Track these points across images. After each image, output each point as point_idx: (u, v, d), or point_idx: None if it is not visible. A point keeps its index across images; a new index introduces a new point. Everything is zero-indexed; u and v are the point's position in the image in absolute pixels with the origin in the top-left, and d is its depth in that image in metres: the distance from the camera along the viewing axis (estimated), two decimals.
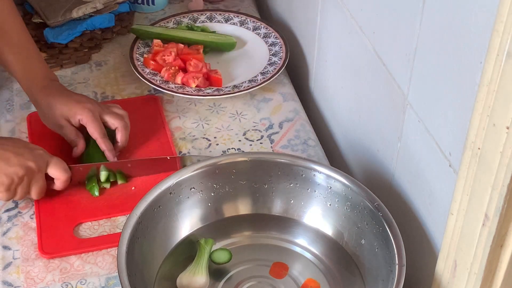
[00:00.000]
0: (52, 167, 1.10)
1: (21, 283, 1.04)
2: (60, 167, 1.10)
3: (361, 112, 1.19)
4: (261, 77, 1.38)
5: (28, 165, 1.05)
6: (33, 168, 1.06)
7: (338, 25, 1.23)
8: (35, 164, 1.06)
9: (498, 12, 0.68)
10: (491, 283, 0.82)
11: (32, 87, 1.21)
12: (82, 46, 1.48)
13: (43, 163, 1.08)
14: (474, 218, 0.80)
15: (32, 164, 1.06)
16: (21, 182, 1.05)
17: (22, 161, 1.05)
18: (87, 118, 1.18)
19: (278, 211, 1.11)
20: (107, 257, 1.07)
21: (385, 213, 0.98)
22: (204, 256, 1.03)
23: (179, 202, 1.07)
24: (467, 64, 0.80)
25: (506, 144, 0.71)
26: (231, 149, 1.26)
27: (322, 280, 1.03)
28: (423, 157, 0.97)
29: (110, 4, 1.53)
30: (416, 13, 0.92)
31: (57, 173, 1.10)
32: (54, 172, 1.10)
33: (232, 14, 1.54)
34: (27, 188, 1.07)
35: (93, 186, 1.15)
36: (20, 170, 1.04)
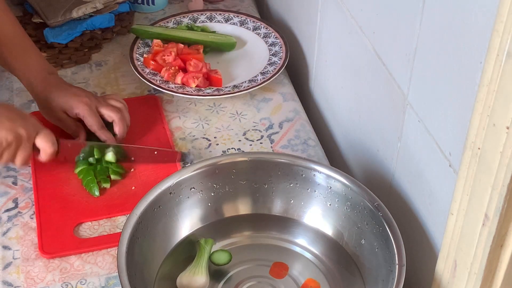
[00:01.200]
0: (41, 138, 1.09)
1: (21, 283, 1.04)
2: (48, 139, 1.10)
3: (361, 112, 1.19)
4: (261, 77, 1.38)
5: (18, 131, 1.05)
6: (23, 135, 1.06)
7: (338, 25, 1.23)
8: (25, 132, 1.06)
9: (498, 12, 0.68)
10: (491, 283, 0.82)
11: (31, 81, 1.21)
12: (82, 46, 1.48)
13: (33, 132, 1.08)
14: (474, 218, 0.80)
15: (23, 131, 1.05)
16: (9, 148, 1.05)
17: (14, 127, 1.04)
18: (84, 111, 1.19)
19: (278, 211, 1.11)
20: (107, 257, 1.07)
21: (385, 213, 0.98)
22: (204, 256, 1.03)
23: (179, 202, 1.07)
24: (467, 64, 0.80)
25: (506, 144, 0.71)
26: (231, 149, 1.26)
27: (322, 280, 1.03)
28: (423, 157, 0.97)
29: (110, 4, 1.53)
30: (416, 13, 0.92)
31: (44, 144, 1.09)
32: (41, 142, 1.09)
33: (232, 14, 1.54)
34: (13, 154, 1.06)
35: (92, 186, 1.15)
36: (10, 135, 1.04)
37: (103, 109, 1.21)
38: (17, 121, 1.06)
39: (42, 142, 1.09)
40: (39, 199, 1.15)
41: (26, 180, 1.19)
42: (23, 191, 1.17)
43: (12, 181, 1.19)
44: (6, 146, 1.04)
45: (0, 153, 1.05)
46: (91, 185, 1.15)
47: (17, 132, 1.05)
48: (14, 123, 1.05)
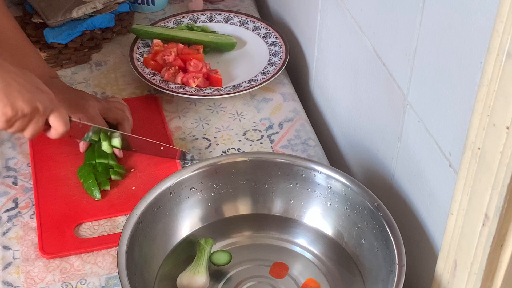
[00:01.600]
0: (55, 116, 1.07)
1: (21, 283, 1.04)
2: (62, 118, 1.08)
3: (361, 112, 1.19)
4: (261, 77, 1.38)
5: (35, 105, 1.03)
6: (39, 109, 1.04)
7: (338, 25, 1.23)
8: (42, 107, 1.04)
9: (498, 12, 0.68)
10: (491, 283, 0.82)
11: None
12: (82, 46, 1.48)
13: (49, 109, 1.06)
14: (474, 218, 0.80)
15: (40, 105, 1.04)
16: (23, 118, 1.04)
17: (32, 99, 1.03)
18: (87, 116, 1.18)
19: (278, 211, 1.11)
20: (107, 257, 1.07)
21: (385, 213, 0.98)
22: (204, 256, 1.03)
23: (179, 202, 1.07)
24: (467, 64, 0.81)
25: (506, 144, 0.71)
26: (231, 149, 1.26)
27: (322, 280, 1.03)
28: (423, 157, 0.97)
29: (110, 4, 1.53)
30: (416, 13, 0.92)
31: (56, 123, 1.08)
32: (54, 121, 1.08)
33: (232, 14, 1.54)
34: (25, 125, 1.05)
35: (94, 189, 1.15)
36: (27, 107, 1.02)
37: (107, 112, 1.22)
38: (36, 94, 1.04)
39: (56, 121, 1.08)
40: (39, 199, 1.15)
41: (26, 180, 1.19)
42: (23, 191, 1.17)
43: (12, 181, 1.19)
44: (21, 116, 1.03)
45: (13, 122, 1.03)
46: (92, 188, 1.15)
47: (34, 105, 1.03)
48: (33, 95, 1.03)
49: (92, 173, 1.17)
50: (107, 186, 1.16)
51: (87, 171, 1.17)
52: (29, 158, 1.23)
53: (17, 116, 1.02)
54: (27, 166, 1.22)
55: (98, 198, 1.15)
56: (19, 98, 1.01)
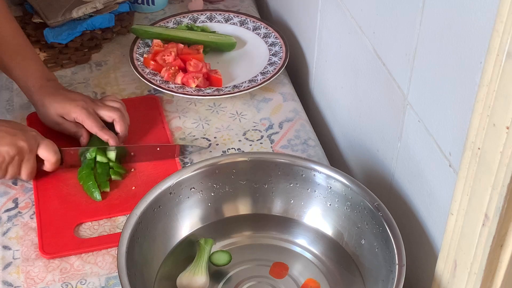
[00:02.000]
0: (42, 148, 1.12)
1: (21, 283, 1.04)
2: (50, 149, 1.12)
3: (361, 112, 1.19)
4: (261, 77, 1.38)
5: (20, 145, 1.07)
6: (25, 148, 1.08)
7: (338, 25, 1.23)
8: (26, 144, 1.08)
9: (498, 12, 0.68)
10: (491, 283, 0.82)
11: (29, 88, 1.23)
12: (82, 46, 1.48)
13: (35, 144, 1.10)
14: (474, 218, 0.80)
15: (24, 144, 1.08)
16: (12, 161, 1.08)
17: (15, 140, 1.07)
18: (82, 115, 1.20)
19: (278, 211, 1.11)
20: (107, 257, 1.07)
21: (385, 213, 0.98)
22: (204, 256, 1.03)
23: (179, 202, 1.07)
24: (467, 64, 0.80)
25: (506, 144, 0.71)
26: (231, 149, 1.26)
27: (322, 280, 1.03)
28: (423, 157, 0.97)
29: (110, 4, 1.53)
30: (416, 13, 0.92)
31: (46, 154, 1.12)
32: (43, 153, 1.12)
33: (232, 14, 1.54)
34: (18, 167, 1.09)
35: (94, 191, 1.14)
36: (12, 149, 1.07)
37: (101, 110, 1.22)
38: (17, 134, 1.08)
39: (45, 152, 1.12)
40: (39, 199, 1.15)
41: (26, 180, 1.19)
42: (23, 191, 1.17)
43: (12, 181, 1.19)
44: (10, 160, 1.07)
45: (5, 168, 1.08)
46: (92, 190, 1.15)
47: (18, 145, 1.07)
48: (15, 136, 1.08)
49: (92, 174, 1.16)
50: (106, 187, 1.16)
51: (87, 173, 1.16)
52: None
53: (5, 161, 1.07)
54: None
55: (99, 199, 1.14)
56: (2, 143, 1.06)
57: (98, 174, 1.17)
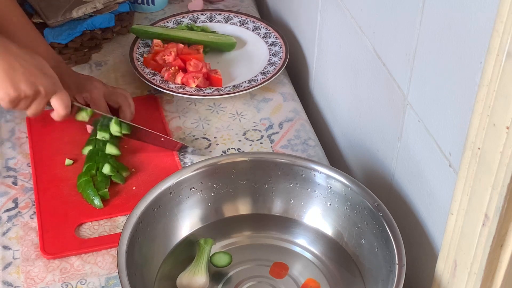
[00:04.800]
0: (56, 98, 1.12)
1: (21, 283, 1.04)
2: (63, 102, 1.13)
3: (361, 112, 1.19)
4: (261, 77, 1.38)
5: (38, 88, 1.09)
6: (41, 92, 1.09)
7: (338, 25, 1.23)
8: (44, 90, 1.09)
9: (498, 12, 0.68)
10: (491, 283, 0.82)
11: None
12: (82, 46, 1.48)
13: (51, 91, 1.11)
14: (474, 218, 0.80)
15: (42, 89, 1.09)
16: (26, 99, 1.09)
17: (34, 82, 1.08)
18: (92, 96, 1.23)
19: (278, 211, 1.11)
20: (107, 257, 1.07)
21: (385, 213, 0.98)
22: (203, 256, 1.03)
23: (179, 202, 1.07)
24: (467, 64, 0.81)
25: (506, 144, 0.71)
26: (231, 149, 1.26)
27: (322, 280, 1.03)
28: (423, 157, 0.97)
29: (110, 4, 1.53)
30: (416, 13, 0.92)
31: (57, 105, 1.13)
32: (55, 103, 1.13)
33: (232, 14, 1.54)
34: (28, 105, 1.10)
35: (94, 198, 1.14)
36: (29, 90, 1.08)
37: (110, 95, 1.26)
38: (39, 77, 1.09)
39: (57, 103, 1.13)
40: (40, 199, 1.15)
41: (26, 180, 1.19)
42: (23, 191, 1.17)
43: (12, 181, 1.19)
44: (24, 97, 1.08)
45: (17, 102, 1.09)
46: (92, 198, 1.14)
47: (36, 88, 1.08)
48: (37, 78, 1.08)
49: (91, 182, 1.15)
50: (106, 196, 1.15)
51: (85, 181, 1.15)
52: (29, 158, 1.23)
53: (19, 97, 1.08)
54: (27, 166, 1.22)
55: (100, 206, 1.13)
56: (22, 80, 1.06)
57: (97, 182, 1.16)
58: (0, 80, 1.06)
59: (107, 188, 1.16)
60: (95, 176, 1.17)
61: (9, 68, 1.06)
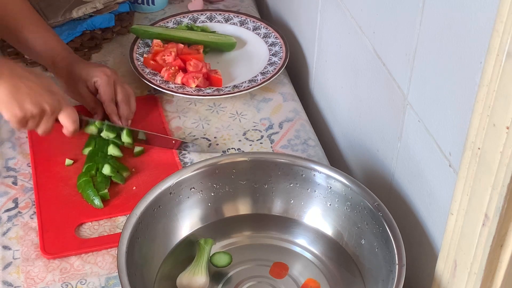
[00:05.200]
0: (63, 115, 1.14)
1: (21, 283, 1.04)
2: (70, 117, 1.15)
3: (361, 112, 1.19)
4: (261, 77, 1.38)
5: (43, 107, 1.11)
6: (47, 110, 1.11)
7: (338, 25, 1.23)
8: (49, 108, 1.11)
9: (498, 12, 0.68)
10: (491, 283, 0.82)
11: (54, 59, 1.27)
12: (82, 46, 1.48)
13: (58, 108, 1.13)
14: (474, 218, 0.80)
15: (47, 107, 1.11)
16: (33, 119, 1.11)
17: (40, 101, 1.10)
18: (102, 81, 1.25)
19: (278, 211, 1.11)
20: (107, 257, 1.07)
21: (385, 213, 0.98)
22: (203, 256, 1.03)
23: (179, 202, 1.07)
24: (467, 64, 0.81)
25: (506, 144, 0.71)
26: (231, 149, 1.26)
27: (322, 280, 1.03)
28: (423, 157, 0.97)
29: (110, 4, 1.53)
30: (416, 13, 0.92)
31: (65, 122, 1.15)
32: (63, 120, 1.15)
33: (232, 14, 1.54)
34: (37, 123, 1.13)
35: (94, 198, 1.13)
36: (35, 109, 1.10)
37: (118, 86, 1.27)
38: (44, 96, 1.11)
39: (64, 119, 1.15)
40: (40, 199, 1.15)
41: (26, 180, 1.19)
42: (23, 191, 1.17)
43: (12, 181, 1.19)
44: (30, 116, 1.11)
45: (25, 122, 1.11)
46: (92, 198, 1.14)
47: (42, 107, 1.11)
48: (41, 96, 1.11)
49: (91, 182, 1.15)
50: (106, 197, 1.15)
51: (85, 182, 1.15)
52: (29, 158, 1.23)
53: (26, 117, 1.10)
54: (27, 166, 1.22)
55: (100, 206, 1.13)
56: (27, 100, 1.09)
57: (97, 182, 1.16)
58: (6, 101, 1.08)
59: (107, 188, 1.15)
60: (95, 176, 1.17)
61: (15, 89, 1.08)
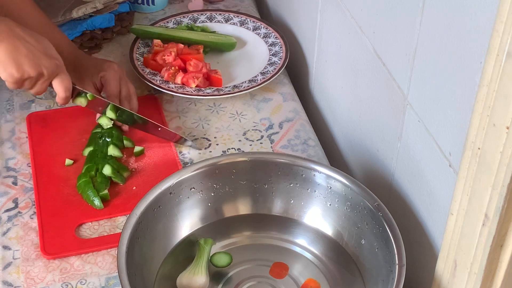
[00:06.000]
0: (57, 81, 1.15)
1: (21, 283, 1.04)
2: (63, 84, 1.16)
3: (361, 112, 1.19)
4: (261, 77, 1.38)
5: (40, 69, 1.12)
6: (44, 74, 1.13)
7: (338, 25, 1.23)
8: (46, 72, 1.13)
9: (498, 12, 0.68)
10: (491, 283, 0.82)
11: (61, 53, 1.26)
12: (82, 46, 1.48)
13: (54, 73, 1.15)
14: (474, 218, 0.80)
15: (44, 71, 1.13)
16: (29, 80, 1.13)
17: (38, 64, 1.12)
18: (109, 75, 1.27)
19: (278, 211, 1.11)
20: (107, 257, 1.07)
21: (385, 213, 0.98)
22: (203, 256, 1.03)
23: (179, 202, 1.07)
24: (467, 64, 0.81)
25: (506, 144, 0.71)
26: (231, 149, 1.26)
27: (322, 280, 1.03)
28: (423, 157, 0.97)
29: (110, 4, 1.53)
30: (416, 13, 0.92)
31: (58, 88, 1.16)
32: (56, 85, 1.16)
33: (232, 14, 1.54)
34: (32, 85, 1.14)
35: (94, 199, 1.13)
36: (32, 71, 1.11)
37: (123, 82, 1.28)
38: (43, 59, 1.13)
39: (58, 85, 1.16)
40: (40, 200, 1.15)
41: (26, 180, 1.19)
42: (23, 191, 1.17)
43: (12, 181, 1.19)
44: (27, 78, 1.12)
45: (21, 82, 1.12)
46: (92, 199, 1.13)
47: (39, 69, 1.12)
48: (40, 60, 1.12)
49: (90, 183, 1.15)
50: (106, 198, 1.15)
51: (84, 182, 1.15)
52: (29, 158, 1.23)
53: (23, 78, 1.12)
54: (27, 166, 1.22)
55: (100, 207, 1.13)
56: (25, 62, 1.10)
57: (97, 183, 1.16)
58: (4, 61, 1.09)
59: (107, 189, 1.15)
60: (95, 177, 1.17)
61: (14, 49, 1.09)
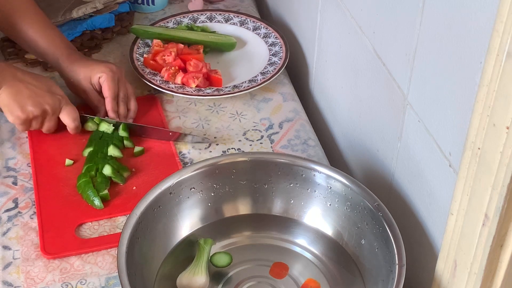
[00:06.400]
0: (64, 114, 1.22)
1: (21, 283, 1.04)
2: (70, 115, 1.22)
3: (361, 112, 1.19)
4: (261, 77, 1.38)
5: (44, 107, 1.19)
6: (48, 111, 1.19)
7: (338, 25, 1.23)
8: (50, 108, 1.19)
9: (498, 12, 0.68)
10: (491, 283, 0.82)
11: (57, 57, 1.30)
12: (82, 46, 1.48)
13: (58, 108, 1.21)
14: (474, 218, 0.80)
15: (48, 108, 1.19)
16: (36, 119, 1.19)
17: (41, 102, 1.18)
18: (107, 76, 1.27)
19: (278, 211, 1.11)
20: (107, 257, 1.07)
21: (385, 213, 0.98)
22: (203, 256, 1.03)
23: (179, 202, 1.07)
24: (467, 64, 0.81)
25: (506, 144, 0.71)
26: (231, 149, 1.26)
27: (322, 280, 1.03)
28: (423, 157, 0.97)
29: (110, 4, 1.53)
30: (416, 13, 0.92)
31: (66, 120, 1.23)
32: (64, 118, 1.22)
33: (232, 14, 1.54)
34: (41, 123, 1.21)
35: (94, 199, 1.13)
36: (36, 110, 1.18)
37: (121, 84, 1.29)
38: (45, 97, 1.18)
39: (65, 118, 1.22)
40: (40, 200, 1.15)
41: (26, 180, 1.19)
42: (23, 191, 1.17)
43: (12, 181, 1.19)
44: (33, 118, 1.19)
45: (29, 123, 1.19)
46: (92, 199, 1.13)
47: (43, 107, 1.18)
48: (41, 98, 1.18)
49: (90, 183, 1.15)
50: (106, 198, 1.15)
51: (84, 182, 1.15)
52: (29, 158, 1.23)
53: (29, 118, 1.18)
54: (27, 166, 1.22)
55: (100, 207, 1.13)
56: (28, 103, 1.17)
57: (97, 183, 1.16)
58: (10, 104, 1.16)
59: (107, 189, 1.15)
60: (95, 177, 1.17)
61: (17, 93, 1.16)
